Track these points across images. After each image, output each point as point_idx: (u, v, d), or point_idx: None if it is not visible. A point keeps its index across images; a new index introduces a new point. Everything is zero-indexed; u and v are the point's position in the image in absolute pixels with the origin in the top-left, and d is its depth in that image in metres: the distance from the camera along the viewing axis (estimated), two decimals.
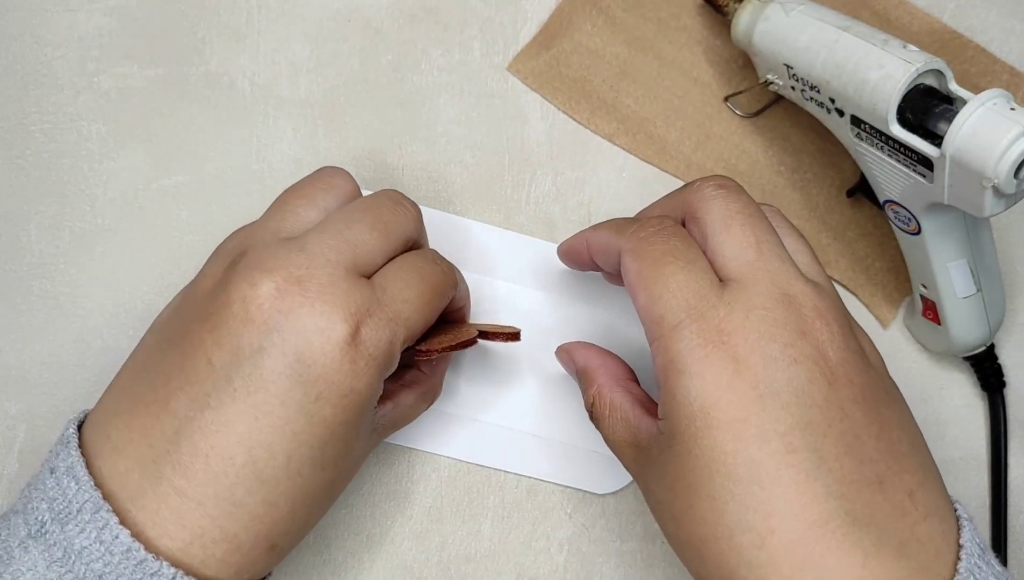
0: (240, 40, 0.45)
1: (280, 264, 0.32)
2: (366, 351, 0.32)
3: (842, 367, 0.31)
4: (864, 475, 0.30)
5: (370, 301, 0.33)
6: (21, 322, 0.43)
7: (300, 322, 0.31)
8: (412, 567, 0.43)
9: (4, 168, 0.44)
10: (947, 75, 0.38)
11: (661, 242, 0.34)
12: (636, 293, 0.33)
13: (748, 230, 0.33)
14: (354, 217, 0.35)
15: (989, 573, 0.30)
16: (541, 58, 0.46)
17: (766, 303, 0.32)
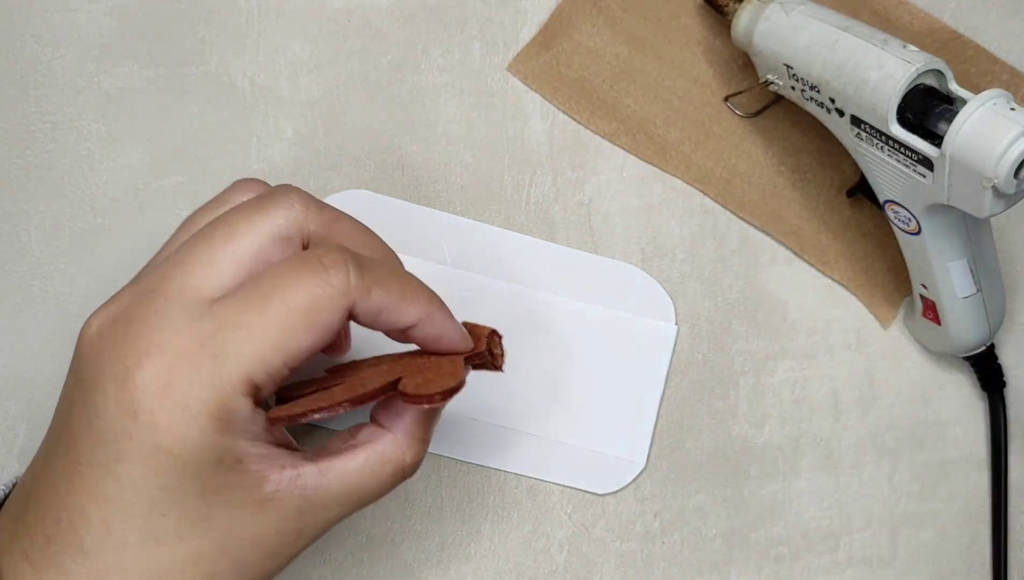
0: (240, 40, 0.45)
1: (111, 302, 0.29)
2: (171, 401, 0.27)
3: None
4: None
5: (192, 339, 0.27)
6: (21, 322, 0.43)
7: (104, 366, 0.27)
8: (412, 567, 0.43)
9: (4, 168, 0.44)
10: (947, 75, 0.38)
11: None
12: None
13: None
14: (215, 234, 0.29)
15: None
16: (541, 58, 0.46)
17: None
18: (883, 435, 0.45)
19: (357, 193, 0.44)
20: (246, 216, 0.29)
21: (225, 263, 0.28)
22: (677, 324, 0.45)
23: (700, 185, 0.46)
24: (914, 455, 0.45)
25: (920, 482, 0.45)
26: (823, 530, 0.45)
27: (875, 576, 0.45)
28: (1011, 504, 0.45)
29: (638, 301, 0.44)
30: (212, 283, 0.28)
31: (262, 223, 0.29)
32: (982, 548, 0.45)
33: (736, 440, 0.45)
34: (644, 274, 0.45)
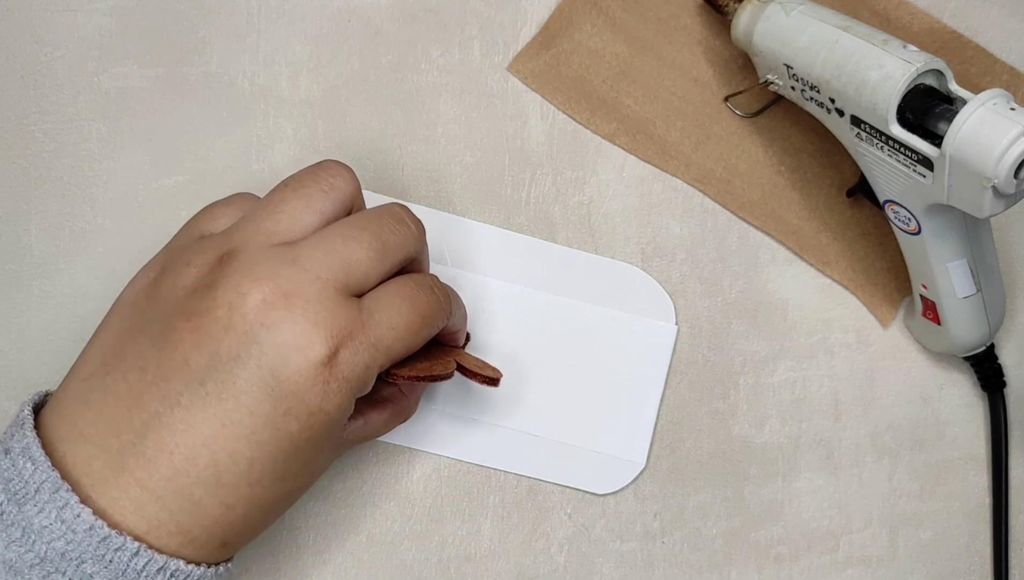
0: (240, 40, 0.45)
1: (270, 274, 0.32)
2: (340, 374, 0.32)
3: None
4: None
5: (354, 324, 0.32)
6: (21, 322, 0.43)
7: (280, 337, 0.31)
8: (412, 567, 0.43)
9: (4, 168, 0.44)
10: (947, 75, 0.38)
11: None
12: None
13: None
14: (352, 233, 0.34)
15: None
16: (541, 58, 0.46)
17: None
18: (883, 435, 0.45)
19: None
20: (392, 234, 0.35)
21: (377, 270, 0.34)
22: (677, 324, 0.45)
23: (700, 185, 0.46)
24: (914, 455, 0.45)
25: (920, 482, 0.45)
26: (823, 530, 0.45)
27: (875, 576, 0.45)
28: (1011, 504, 0.45)
29: (638, 301, 0.44)
30: (369, 283, 0.34)
31: (401, 247, 0.35)
32: (982, 548, 0.45)
33: (736, 440, 0.45)
34: (644, 274, 0.45)
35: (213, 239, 0.34)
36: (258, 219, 0.34)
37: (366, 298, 0.34)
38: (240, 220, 0.35)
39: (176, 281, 0.33)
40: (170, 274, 0.34)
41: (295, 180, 0.35)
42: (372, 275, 0.34)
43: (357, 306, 0.33)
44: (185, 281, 0.33)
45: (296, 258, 0.32)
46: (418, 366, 0.36)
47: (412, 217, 0.36)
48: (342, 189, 0.35)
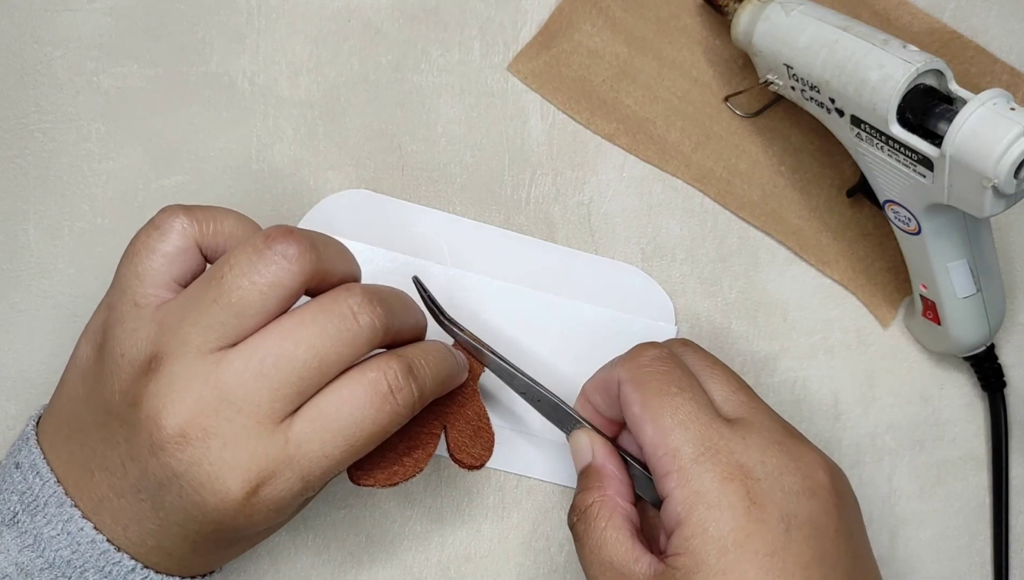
0: (240, 40, 0.45)
1: (190, 404, 0.30)
2: (265, 505, 0.31)
3: (843, 495, 0.33)
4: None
5: (277, 462, 0.30)
6: (21, 322, 0.43)
7: (197, 478, 0.30)
8: (412, 567, 0.43)
9: (4, 168, 0.44)
10: (947, 75, 0.38)
11: (662, 371, 0.34)
12: (642, 425, 0.33)
13: (729, 373, 0.36)
14: (293, 345, 0.30)
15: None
16: (541, 58, 0.46)
17: (777, 439, 0.33)
18: (883, 435, 0.45)
19: (357, 193, 0.44)
20: (335, 344, 0.31)
21: (308, 386, 0.31)
22: (677, 324, 0.45)
23: (700, 185, 0.46)
24: (914, 455, 0.45)
25: (920, 482, 0.45)
26: None
27: None
28: (1011, 504, 0.45)
29: (638, 301, 0.44)
30: (292, 405, 0.31)
31: (350, 355, 0.32)
32: (982, 548, 0.45)
33: None
34: (644, 274, 0.45)
35: (145, 326, 0.31)
36: (190, 321, 0.31)
37: (300, 418, 0.31)
38: (173, 310, 0.31)
39: (112, 373, 0.31)
40: (108, 361, 0.32)
41: (235, 259, 0.31)
42: (314, 386, 0.31)
43: (284, 438, 0.30)
44: (119, 379, 0.31)
45: (219, 381, 0.30)
46: (383, 465, 0.35)
47: (373, 304, 0.32)
48: (291, 274, 0.31)
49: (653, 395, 0.33)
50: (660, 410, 0.33)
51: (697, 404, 0.33)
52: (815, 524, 0.32)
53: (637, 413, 0.34)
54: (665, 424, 0.33)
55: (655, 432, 0.33)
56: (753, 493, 0.31)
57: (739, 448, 0.32)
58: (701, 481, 0.32)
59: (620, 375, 0.35)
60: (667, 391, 0.34)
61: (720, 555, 0.31)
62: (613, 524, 0.34)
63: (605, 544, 0.33)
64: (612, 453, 0.36)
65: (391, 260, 0.43)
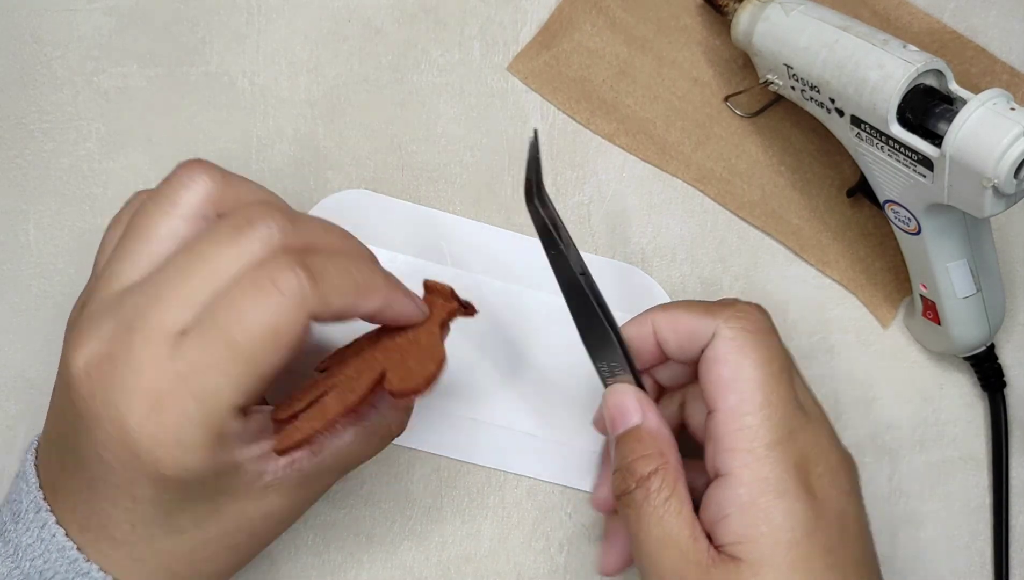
0: (240, 40, 0.45)
1: (95, 335, 0.29)
2: (168, 439, 0.28)
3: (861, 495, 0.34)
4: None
5: (168, 380, 0.28)
6: (21, 322, 0.43)
7: (94, 411, 0.29)
8: (412, 567, 0.43)
9: (4, 168, 0.44)
10: (947, 75, 0.38)
11: (767, 343, 0.32)
12: (725, 392, 0.32)
13: (800, 375, 0.35)
14: (185, 257, 0.29)
15: None
16: (541, 58, 0.46)
17: (835, 437, 0.33)
18: (883, 435, 0.45)
19: (357, 193, 0.44)
20: (225, 250, 0.29)
21: (199, 298, 0.29)
22: None
23: (700, 185, 0.46)
24: (914, 455, 0.45)
25: (920, 482, 0.45)
26: None
27: None
28: (1011, 504, 0.45)
29: (638, 301, 0.44)
30: (185, 318, 0.29)
31: (241, 259, 0.29)
32: (982, 548, 0.45)
33: None
34: (644, 274, 0.45)
35: (90, 281, 0.32)
36: (111, 260, 0.31)
37: (190, 331, 0.28)
38: (105, 254, 0.32)
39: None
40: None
41: (144, 198, 0.32)
42: (201, 295, 0.29)
43: (173, 353, 0.28)
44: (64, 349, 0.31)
45: (119, 307, 0.29)
46: (302, 414, 0.32)
47: (271, 209, 0.30)
48: (189, 197, 0.31)
49: (752, 365, 0.32)
50: (755, 383, 0.31)
51: (789, 386, 0.32)
52: (861, 523, 0.32)
53: (727, 377, 0.32)
54: (755, 399, 0.31)
55: (740, 403, 0.31)
56: (815, 487, 0.31)
57: (811, 440, 0.32)
58: (773, 468, 0.30)
59: (720, 329, 0.32)
60: (768, 364, 0.32)
61: (789, 549, 0.30)
62: (678, 496, 0.31)
63: (667, 517, 0.31)
64: (661, 416, 0.34)
65: (391, 260, 0.43)
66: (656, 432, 0.33)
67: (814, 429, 0.33)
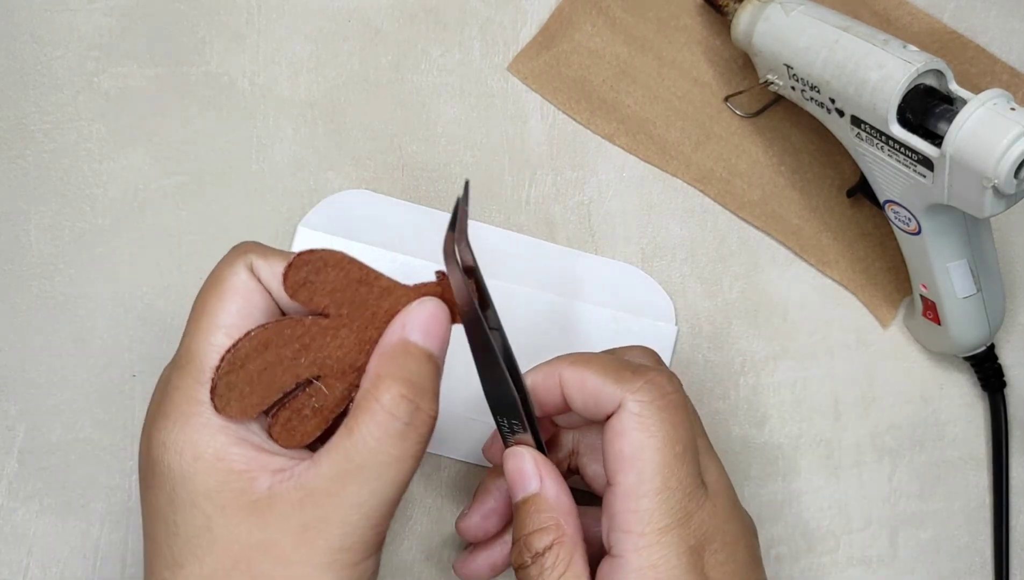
0: (240, 40, 0.45)
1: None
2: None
3: None
4: None
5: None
6: (21, 322, 0.43)
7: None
8: (412, 567, 0.43)
9: (4, 168, 0.44)
10: (947, 75, 0.38)
11: (675, 421, 0.31)
12: (625, 470, 0.31)
13: (707, 440, 0.34)
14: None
15: None
16: (541, 58, 0.46)
17: (735, 504, 0.33)
18: (883, 435, 0.45)
19: (357, 193, 0.44)
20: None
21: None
22: (677, 324, 0.45)
23: (700, 185, 0.46)
24: (914, 455, 0.45)
25: (920, 482, 0.45)
26: (823, 530, 0.45)
27: (875, 576, 0.45)
28: (1011, 504, 0.45)
29: (638, 301, 0.44)
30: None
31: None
32: (982, 548, 0.45)
33: (736, 440, 0.45)
34: (644, 274, 0.45)
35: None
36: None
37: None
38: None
39: None
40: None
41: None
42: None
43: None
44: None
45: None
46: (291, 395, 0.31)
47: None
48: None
49: (655, 447, 0.31)
50: (655, 466, 0.30)
51: (692, 465, 0.31)
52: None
53: (628, 455, 0.31)
54: (653, 482, 0.30)
55: (638, 484, 0.30)
56: (709, 567, 0.31)
57: (707, 519, 0.31)
58: (662, 554, 0.30)
59: (627, 402, 0.31)
60: (671, 445, 0.31)
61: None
62: (573, 572, 0.31)
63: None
64: (562, 480, 0.33)
65: (391, 260, 0.43)
66: (554, 501, 0.32)
67: (712, 505, 0.32)
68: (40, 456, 0.42)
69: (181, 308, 0.43)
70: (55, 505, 0.42)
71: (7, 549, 0.41)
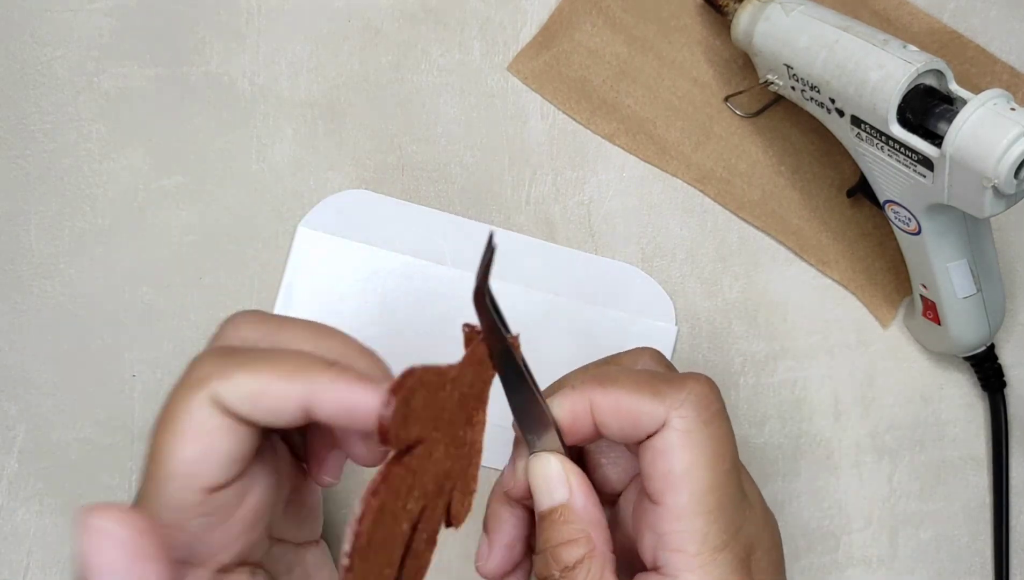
0: (240, 40, 0.45)
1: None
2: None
3: None
4: None
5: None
6: (21, 322, 0.43)
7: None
8: None
9: (4, 168, 0.44)
10: (947, 75, 0.38)
11: (720, 435, 0.30)
12: (676, 491, 0.29)
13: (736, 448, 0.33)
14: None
15: None
16: (541, 58, 0.46)
17: (766, 510, 0.32)
18: (883, 435, 0.45)
19: (357, 193, 0.44)
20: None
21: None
22: (677, 324, 0.45)
23: (700, 185, 0.46)
24: (914, 455, 0.45)
25: (920, 482, 0.45)
26: (823, 530, 0.45)
27: (875, 576, 0.45)
28: (1011, 504, 0.45)
29: (638, 301, 0.44)
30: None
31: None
32: (982, 548, 0.45)
33: (736, 440, 0.45)
34: (644, 274, 0.45)
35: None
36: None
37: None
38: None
39: None
40: None
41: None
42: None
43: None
44: None
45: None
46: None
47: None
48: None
49: (706, 465, 0.29)
50: (707, 484, 0.29)
51: (737, 483, 0.30)
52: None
53: (678, 473, 0.29)
54: (706, 502, 0.29)
55: (690, 504, 0.29)
56: (754, 572, 0.30)
57: (751, 529, 0.30)
58: (718, 573, 0.29)
59: (672, 419, 0.29)
60: (721, 462, 0.30)
61: None
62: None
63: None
64: (592, 490, 0.31)
65: (391, 260, 0.43)
66: (584, 511, 0.31)
67: (753, 516, 0.31)
68: (40, 456, 0.42)
69: (181, 308, 0.44)
70: (55, 505, 0.42)
71: (7, 549, 0.41)
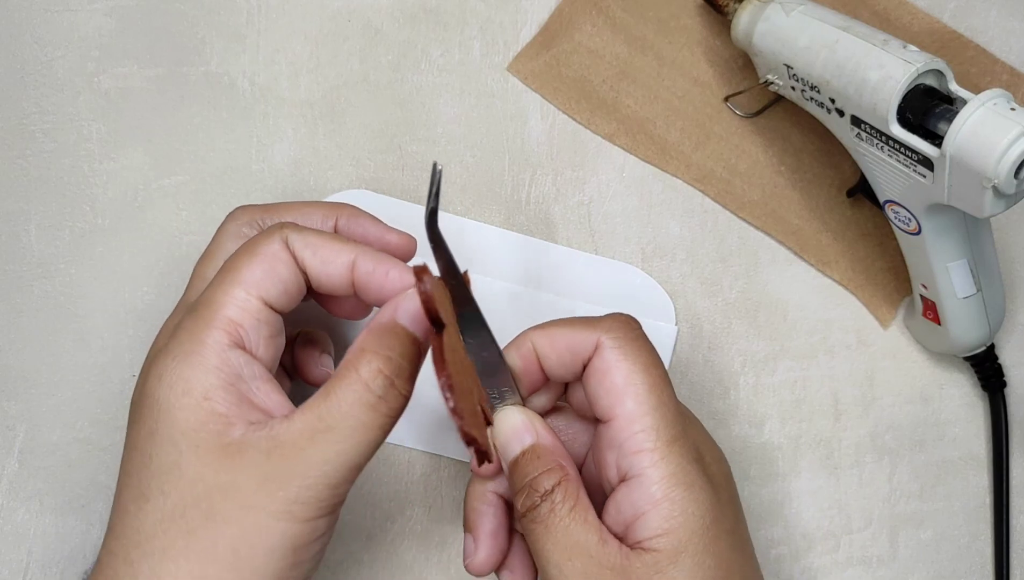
0: (240, 40, 0.45)
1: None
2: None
3: None
4: None
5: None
6: (21, 322, 0.43)
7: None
8: (412, 567, 0.43)
9: (4, 168, 0.44)
10: (947, 75, 0.38)
11: (648, 347, 0.33)
12: (622, 397, 0.32)
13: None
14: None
15: None
16: (541, 58, 0.46)
17: (708, 433, 0.36)
18: (883, 435, 0.45)
19: (357, 193, 0.44)
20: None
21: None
22: (677, 324, 0.45)
23: (700, 185, 0.46)
24: (914, 455, 0.45)
25: (920, 482, 0.45)
26: (823, 530, 0.45)
27: (875, 576, 0.45)
28: (1012, 504, 0.45)
29: (638, 301, 0.44)
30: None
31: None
32: (982, 548, 0.45)
33: (736, 440, 0.45)
34: (644, 274, 0.45)
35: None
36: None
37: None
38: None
39: None
40: None
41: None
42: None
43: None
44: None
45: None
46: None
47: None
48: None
49: (641, 370, 0.33)
50: (647, 387, 0.32)
51: (672, 389, 0.33)
52: (741, 506, 0.34)
53: (620, 384, 0.32)
54: (649, 401, 0.32)
55: (637, 406, 0.32)
56: (711, 475, 0.33)
57: (698, 435, 0.34)
58: (677, 462, 0.32)
59: (604, 340, 0.33)
60: (654, 369, 0.33)
61: (702, 535, 0.31)
62: (582, 504, 0.32)
63: (573, 526, 0.32)
64: (555, 432, 0.35)
65: None
66: (552, 446, 0.34)
67: (695, 425, 0.35)
68: (40, 456, 0.42)
69: None
70: (55, 505, 0.42)
71: (7, 549, 0.41)
